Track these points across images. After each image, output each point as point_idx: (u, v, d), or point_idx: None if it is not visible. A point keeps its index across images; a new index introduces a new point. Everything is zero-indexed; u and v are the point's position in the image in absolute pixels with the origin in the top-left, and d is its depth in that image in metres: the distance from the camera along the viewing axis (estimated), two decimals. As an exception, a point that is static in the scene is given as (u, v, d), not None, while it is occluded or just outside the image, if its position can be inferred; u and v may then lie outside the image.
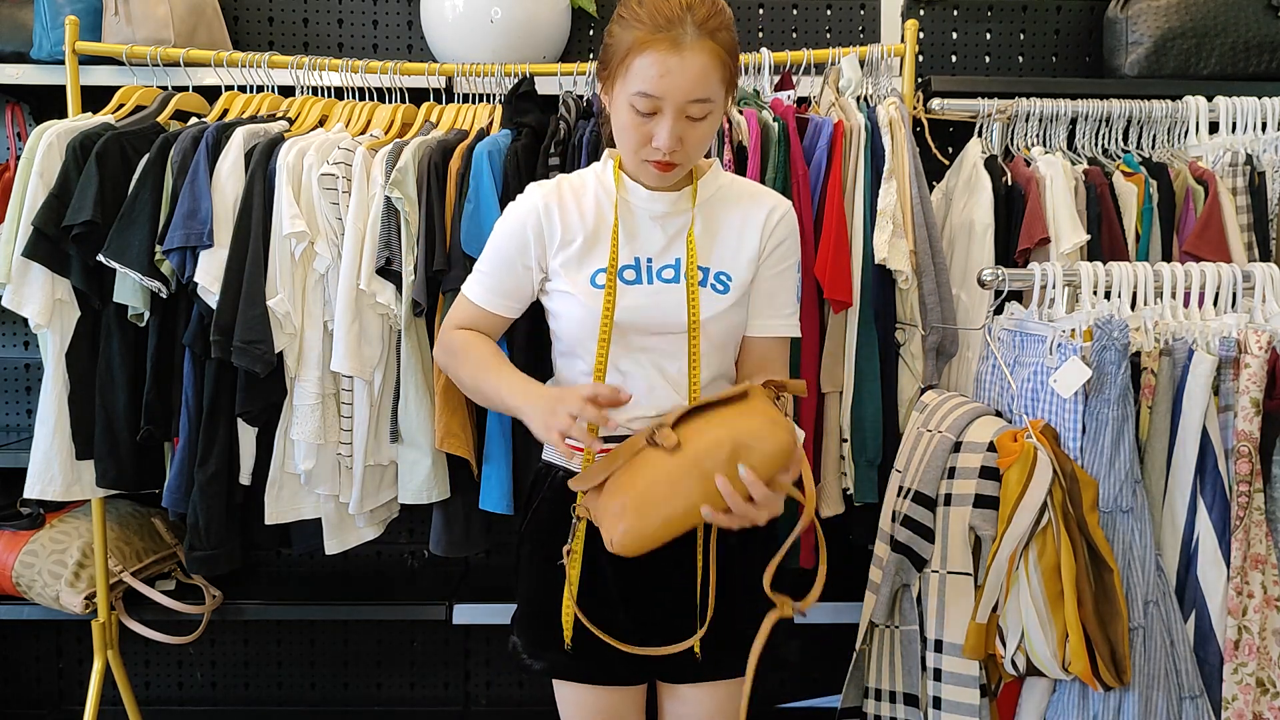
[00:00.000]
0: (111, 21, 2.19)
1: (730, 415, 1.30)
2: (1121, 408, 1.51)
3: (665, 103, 1.33)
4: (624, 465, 1.32)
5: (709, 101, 1.35)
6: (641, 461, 1.31)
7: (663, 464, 1.29)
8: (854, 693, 1.75)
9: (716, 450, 1.27)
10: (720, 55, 1.35)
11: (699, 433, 1.29)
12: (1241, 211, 2.06)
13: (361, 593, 2.41)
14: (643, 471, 1.30)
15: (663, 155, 1.37)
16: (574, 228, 1.46)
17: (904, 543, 1.64)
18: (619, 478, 1.31)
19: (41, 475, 1.99)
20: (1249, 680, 1.51)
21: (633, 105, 1.35)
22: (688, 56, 1.32)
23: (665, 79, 1.32)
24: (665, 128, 1.34)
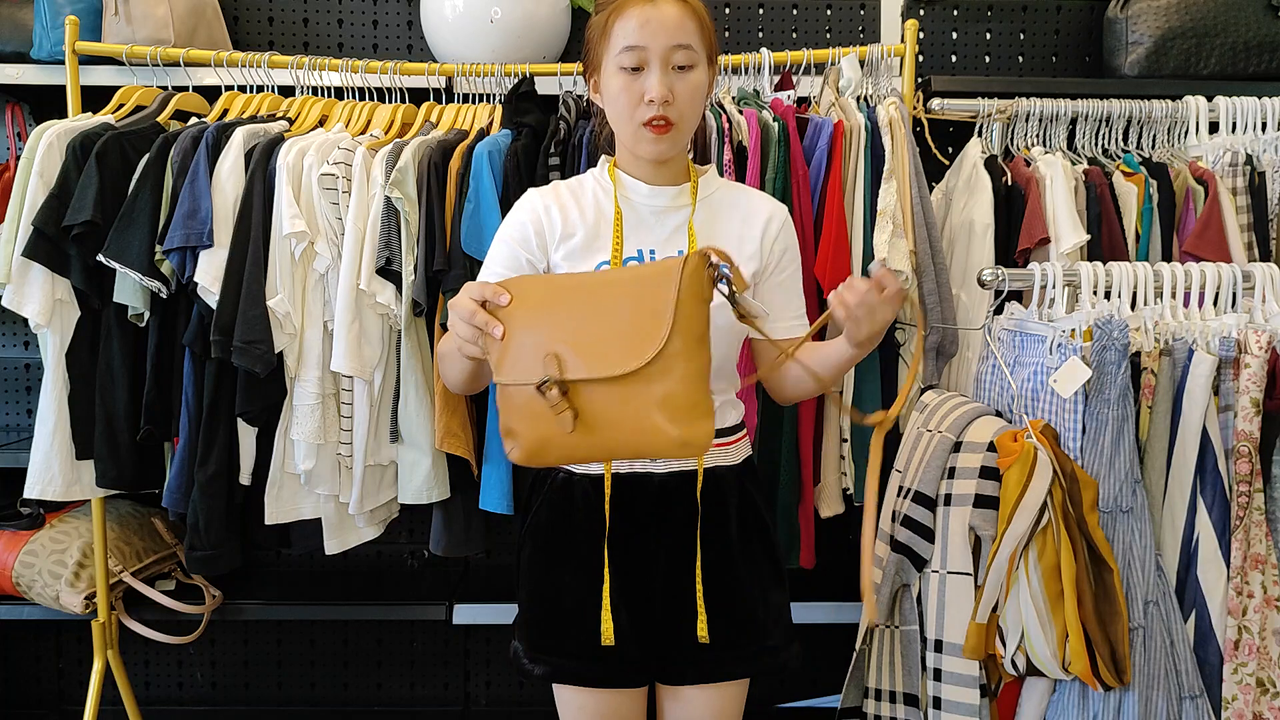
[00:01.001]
0: (111, 21, 2.19)
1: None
2: (1121, 408, 1.51)
3: (649, 51, 1.38)
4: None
5: (691, 49, 1.40)
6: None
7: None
8: (854, 693, 1.75)
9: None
10: (694, 11, 1.41)
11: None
12: (1241, 211, 2.06)
13: (361, 593, 2.41)
14: (533, 416, 1.22)
15: (657, 109, 1.39)
16: (574, 222, 1.47)
17: (904, 543, 1.64)
18: (511, 398, 1.22)
19: (41, 475, 1.99)
20: (1249, 680, 1.51)
21: (621, 66, 1.40)
22: (662, 6, 1.39)
23: (645, 27, 1.38)
24: (654, 76, 1.39)
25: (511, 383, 1.22)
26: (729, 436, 1.50)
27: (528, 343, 1.21)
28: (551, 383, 1.18)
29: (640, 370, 1.16)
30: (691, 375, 1.17)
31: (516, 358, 1.21)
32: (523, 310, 1.23)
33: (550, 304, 1.22)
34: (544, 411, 1.19)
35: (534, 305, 1.23)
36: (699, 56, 1.41)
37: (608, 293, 1.21)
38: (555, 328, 1.20)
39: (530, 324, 1.22)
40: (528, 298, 1.23)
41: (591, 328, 1.18)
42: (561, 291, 1.24)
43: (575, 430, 1.19)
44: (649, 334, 1.16)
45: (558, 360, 1.18)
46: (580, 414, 1.19)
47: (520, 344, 1.21)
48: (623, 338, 1.17)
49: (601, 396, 1.18)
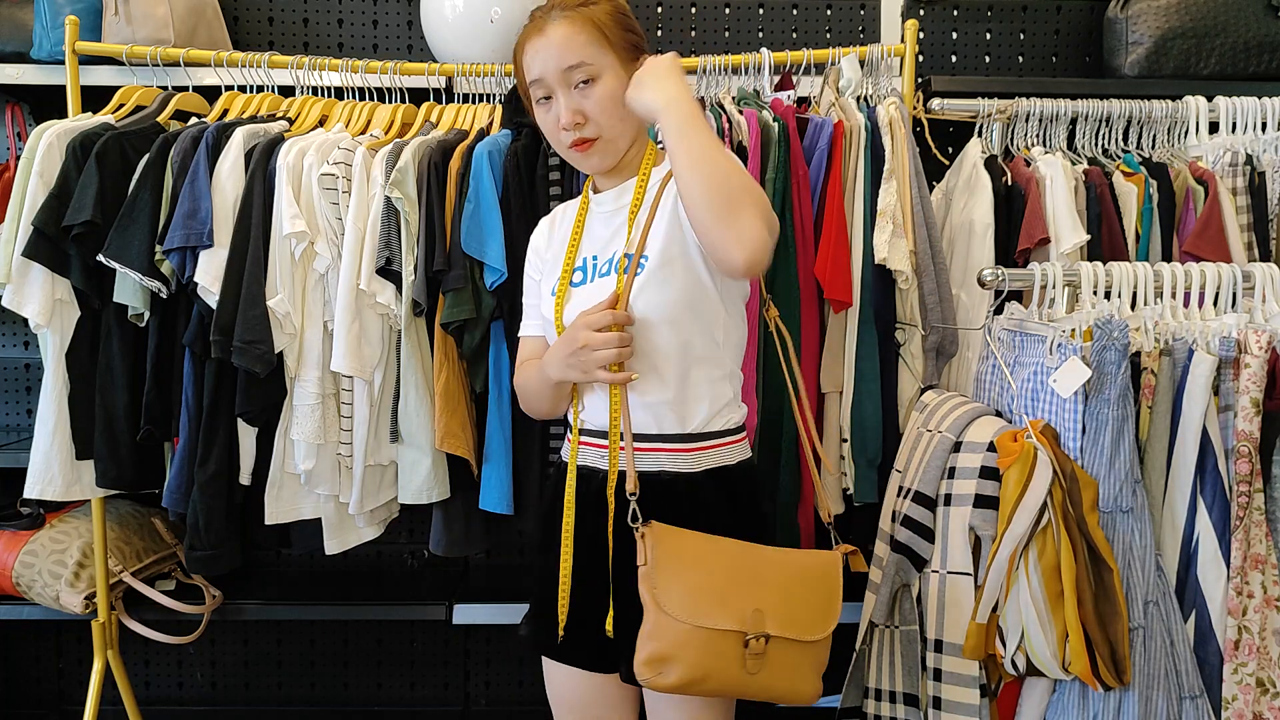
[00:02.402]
0: (111, 21, 2.19)
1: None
2: (1121, 408, 1.51)
3: (548, 80, 1.43)
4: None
5: (585, 65, 1.41)
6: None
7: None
8: (854, 693, 1.75)
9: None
10: (585, 21, 1.43)
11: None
12: (1241, 211, 2.06)
13: (361, 593, 2.41)
14: (713, 654, 1.39)
15: (571, 134, 1.43)
16: (556, 240, 1.57)
17: (904, 543, 1.64)
18: (691, 636, 1.38)
19: (41, 475, 1.99)
20: (1249, 680, 1.51)
21: (536, 101, 1.45)
22: (549, 31, 1.43)
23: (537, 58, 1.43)
24: (559, 103, 1.43)
25: (711, 626, 1.37)
26: (689, 444, 1.47)
27: (718, 591, 1.39)
28: (763, 637, 1.39)
29: (817, 640, 1.44)
30: (829, 644, 1.46)
31: (703, 602, 1.38)
32: (693, 562, 1.41)
33: (732, 562, 1.41)
34: (729, 652, 1.38)
35: (711, 560, 1.41)
36: (601, 66, 1.42)
37: (786, 570, 1.44)
38: (749, 586, 1.40)
39: (714, 577, 1.40)
40: (693, 550, 1.42)
41: (782, 596, 1.41)
42: (740, 557, 1.42)
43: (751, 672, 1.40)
44: (826, 613, 1.45)
45: (763, 616, 1.39)
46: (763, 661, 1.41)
47: (706, 590, 1.39)
48: (813, 609, 1.43)
49: (780, 651, 1.41)
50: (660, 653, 1.37)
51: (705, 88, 2.13)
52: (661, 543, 1.40)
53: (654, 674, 1.37)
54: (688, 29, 2.56)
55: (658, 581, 1.38)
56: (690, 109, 1.38)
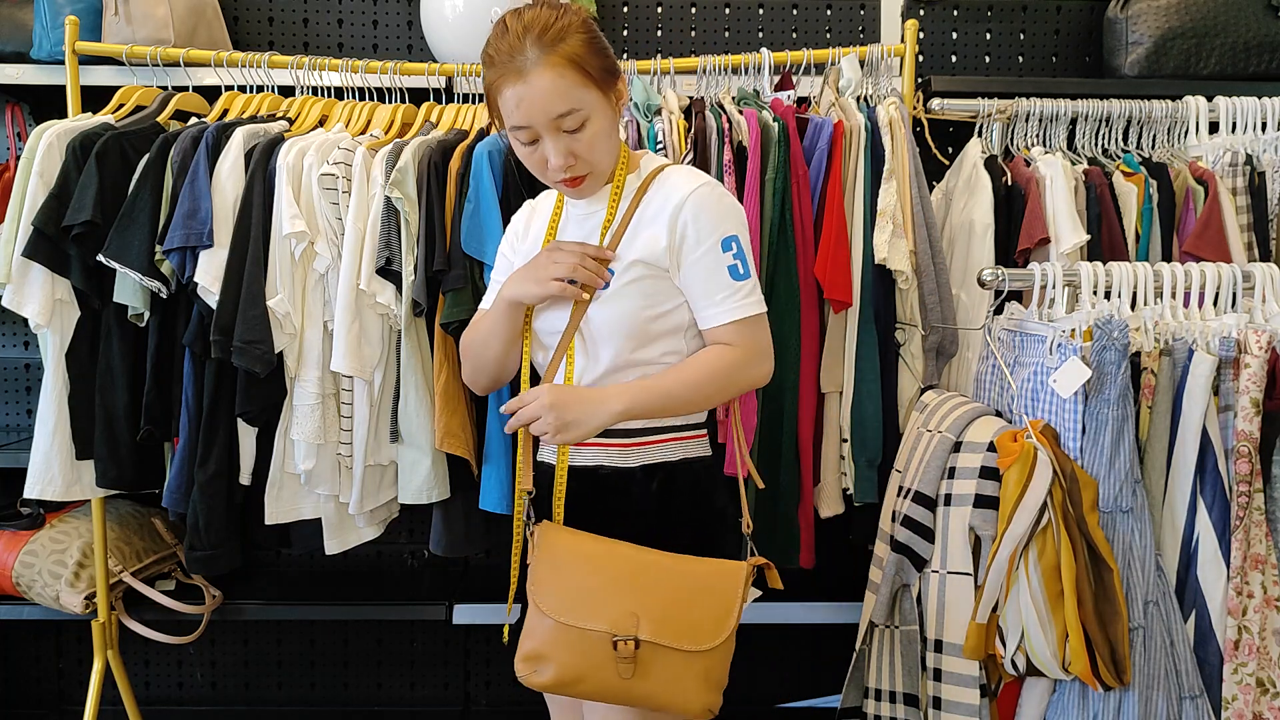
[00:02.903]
0: (111, 21, 2.19)
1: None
2: (1121, 408, 1.51)
3: (536, 127, 1.38)
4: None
5: (575, 111, 1.38)
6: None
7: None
8: (854, 693, 1.75)
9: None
10: (567, 64, 1.36)
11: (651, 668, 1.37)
12: (1241, 211, 2.06)
13: (361, 593, 2.41)
14: (584, 655, 1.38)
15: (561, 174, 1.41)
16: (533, 231, 1.59)
17: (904, 543, 1.64)
18: (564, 635, 1.39)
19: (41, 475, 1.99)
20: (1249, 680, 1.51)
21: (516, 139, 1.42)
22: (532, 80, 1.35)
23: (522, 108, 1.37)
24: (550, 149, 1.39)
25: (582, 626, 1.37)
26: (625, 439, 1.47)
27: (593, 592, 1.38)
28: (631, 640, 1.35)
29: (702, 651, 1.37)
30: (728, 657, 1.40)
31: (577, 602, 1.38)
32: (577, 562, 1.40)
33: (616, 565, 1.39)
34: (600, 655, 1.36)
35: (595, 562, 1.40)
36: (588, 108, 1.38)
37: (677, 576, 1.39)
38: (629, 590, 1.37)
39: (593, 578, 1.39)
40: (580, 551, 1.41)
41: (666, 601, 1.37)
42: (628, 561, 1.40)
43: (624, 677, 1.37)
44: (720, 622, 1.38)
45: (637, 620, 1.36)
46: (635, 665, 1.37)
47: (582, 590, 1.38)
48: (698, 619, 1.37)
49: (659, 658, 1.37)
50: (534, 650, 1.39)
51: (705, 88, 2.13)
52: (546, 541, 1.42)
53: (529, 671, 1.39)
54: (688, 29, 2.56)
55: (537, 579, 1.41)
56: (632, 402, 1.40)
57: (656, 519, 1.46)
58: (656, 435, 1.48)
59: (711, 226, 1.42)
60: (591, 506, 1.47)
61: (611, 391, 1.41)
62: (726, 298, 1.42)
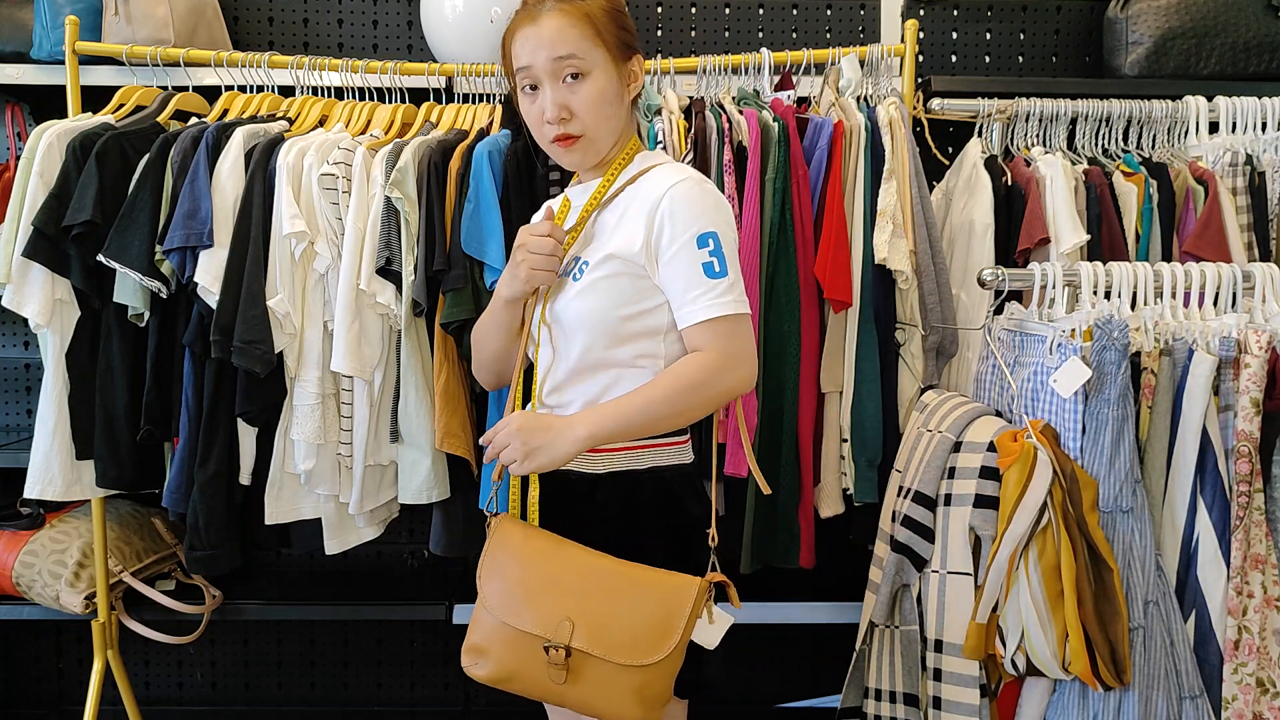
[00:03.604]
0: (111, 21, 2.19)
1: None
2: (1121, 408, 1.51)
3: (536, 70, 1.40)
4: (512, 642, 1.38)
5: (575, 58, 1.39)
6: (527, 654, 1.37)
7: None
8: (854, 693, 1.75)
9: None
10: (580, 15, 1.40)
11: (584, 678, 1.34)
12: (1241, 211, 2.06)
13: (361, 593, 2.41)
14: (519, 655, 1.37)
15: (557, 127, 1.41)
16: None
17: (904, 543, 1.64)
18: (501, 632, 1.38)
19: (41, 475, 1.99)
20: (1249, 680, 1.51)
21: (521, 89, 1.43)
22: (542, 21, 1.40)
23: (525, 46, 1.40)
24: (545, 95, 1.41)
25: (517, 626, 1.36)
26: (611, 444, 1.43)
27: (533, 593, 1.36)
28: (561, 648, 1.33)
29: (638, 665, 1.32)
30: (670, 674, 1.33)
31: (516, 600, 1.37)
32: (524, 559, 1.39)
33: (563, 567, 1.37)
34: (533, 656, 1.35)
35: (541, 561, 1.38)
36: (591, 61, 1.39)
37: (625, 585, 1.34)
38: (570, 595, 1.34)
39: (536, 577, 1.37)
40: (529, 548, 1.39)
41: (607, 611, 1.33)
42: (574, 564, 1.37)
43: (555, 681, 1.35)
44: (660, 639, 1.31)
45: (572, 627, 1.33)
46: (568, 672, 1.35)
47: (523, 589, 1.37)
48: (637, 633, 1.32)
49: (592, 667, 1.33)
50: (475, 644, 1.40)
51: (705, 88, 2.13)
52: (499, 534, 1.42)
53: (471, 663, 1.40)
54: (688, 29, 2.56)
55: (485, 571, 1.41)
56: (597, 427, 1.37)
57: (623, 527, 1.42)
58: (626, 443, 1.43)
59: (688, 222, 1.36)
60: (561, 512, 1.45)
61: (578, 418, 1.39)
62: (700, 295, 1.36)
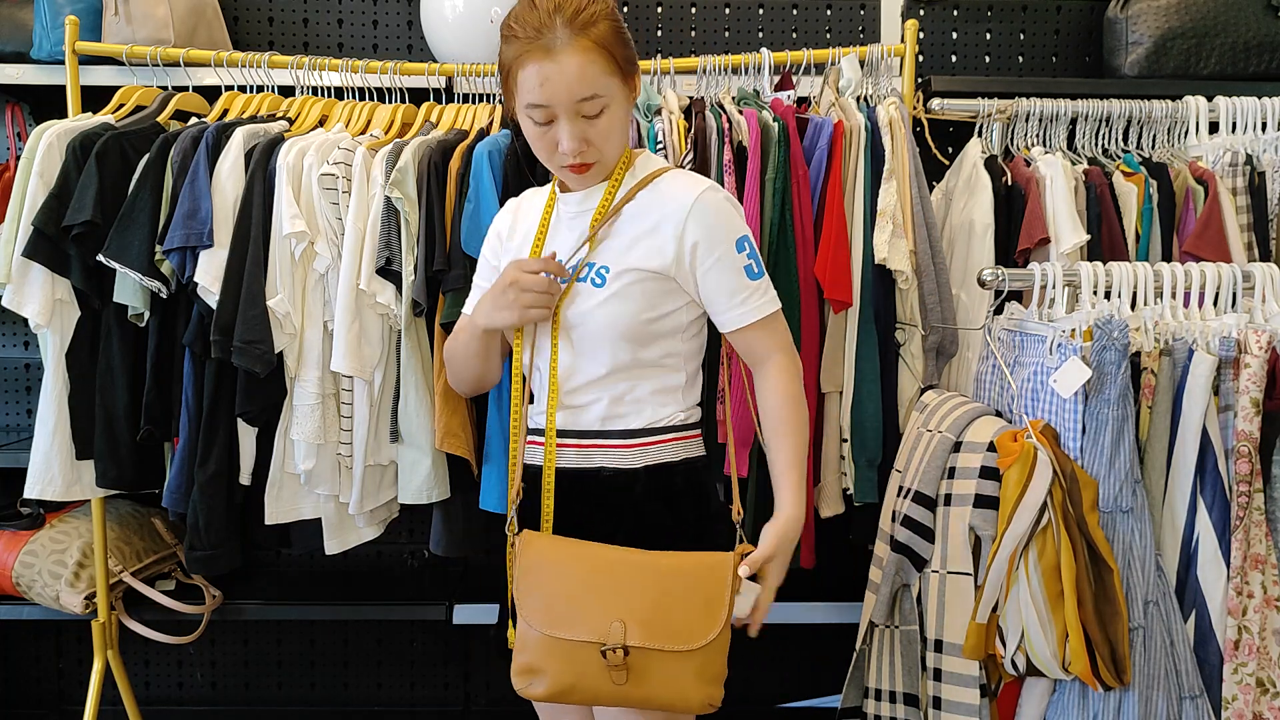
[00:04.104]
0: (111, 21, 2.19)
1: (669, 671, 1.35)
2: (1121, 408, 1.51)
3: (555, 108, 1.36)
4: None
5: (598, 97, 1.37)
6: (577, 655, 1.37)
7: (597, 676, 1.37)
8: (854, 693, 1.75)
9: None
10: (597, 49, 1.35)
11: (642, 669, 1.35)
12: (1241, 211, 2.06)
13: (361, 593, 2.41)
14: (575, 666, 1.37)
15: (571, 159, 1.39)
16: (519, 231, 1.56)
17: (904, 543, 1.64)
18: (554, 647, 1.38)
19: (41, 475, 1.99)
20: (1249, 680, 1.51)
21: (530, 117, 1.39)
22: (562, 60, 1.34)
23: (546, 86, 1.34)
24: (565, 132, 1.37)
25: (568, 637, 1.36)
26: (627, 440, 1.47)
27: (576, 601, 1.37)
28: (620, 648, 1.33)
29: (694, 649, 1.34)
30: (723, 649, 1.37)
31: (560, 611, 1.37)
32: (558, 570, 1.39)
33: (599, 570, 1.38)
34: (590, 664, 1.35)
35: (576, 567, 1.39)
36: (609, 96, 1.38)
37: (662, 575, 1.37)
38: (613, 595, 1.36)
39: (575, 585, 1.38)
40: (560, 556, 1.40)
41: (652, 603, 1.35)
42: (609, 564, 1.39)
43: (617, 683, 1.36)
44: (709, 618, 1.35)
45: (624, 626, 1.34)
46: (628, 671, 1.36)
47: (565, 599, 1.37)
48: (687, 617, 1.35)
49: (650, 661, 1.35)
50: (527, 664, 1.39)
51: (705, 88, 2.13)
52: (528, 551, 1.42)
53: (525, 684, 1.39)
54: (688, 29, 2.56)
55: (521, 590, 1.41)
56: (799, 505, 1.44)
57: (660, 518, 1.46)
58: (658, 436, 1.47)
59: (725, 231, 1.43)
60: (592, 509, 1.46)
61: (787, 517, 1.43)
62: (748, 298, 1.44)
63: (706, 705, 1.35)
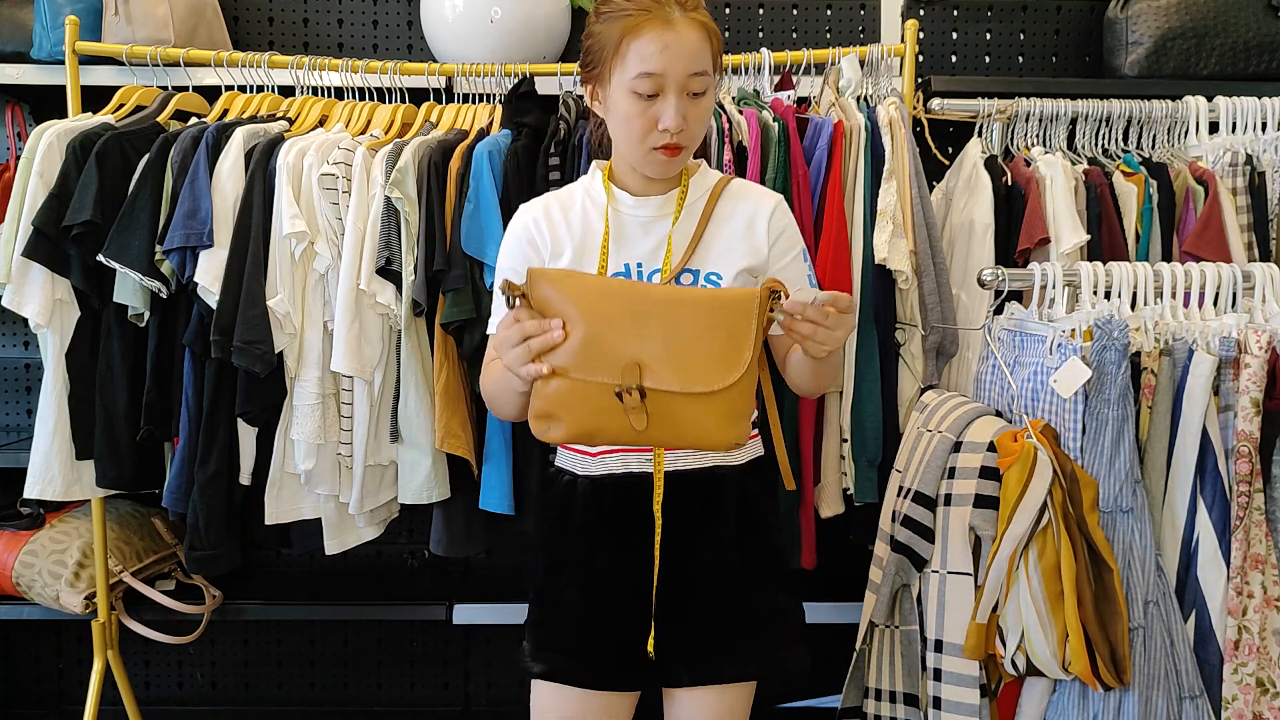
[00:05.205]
0: (111, 21, 2.19)
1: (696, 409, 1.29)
2: (1121, 408, 1.51)
3: (667, 79, 1.35)
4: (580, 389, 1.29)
5: (706, 75, 1.38)
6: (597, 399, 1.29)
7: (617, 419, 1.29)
8: (854, 693, 1.75)
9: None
10: (708, 30, 1.39)
11: (664, 411, 1.29)
12: (1241, 211, 2.06)
13: (361, 593, 2.41)
14: (593, 410, 1.29)
15: (671, 137, 1.37)
16: (562, 240, 1.47)
17: (904, 543, 1.64)
18: (570, 390, 1.29)
19: (41, 475, 1.99)
20: (1249, 680, 1.51)
21: (634, 91, 1.36)
22: (682, 31, 1.35)
23: (665, 54, 1.34)
24: (671, 105, 1.36)
25: (583, 378, 1.28)
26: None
27: (598, 342, 1.28)
28: (634, 389, 1.27)
29: (716, 391, 1.28)
30: (750, 389, 1.32)
31: (585, 354, 1.28)
32: (584, 307, 1.29)
33: (621, 311, 1.29)
34: (609, 408, 1.28)
35: (601, 308, 1.29)
36: (711, 79, 1.40)
37: (686, 311, 1.29)
38: (634, 336, 1.28)
39: (599, 325, 1.28)
40: (586, 296, 1.29)
41: (674, 344, 1.28)
42: (632, 300, 1.30)
43: (637, 427, 1.29)
44: (732, 359, 1.28)
45: (639, 368, 1.27)
46: (648, 414, 1.29)
47: (588, 341, 1.28)
48: (708, 358, 1.28)
49: (672, 403, 1.28)
50: (541, 410, 1.30)
51: (705, 88, 2.13)
52: (538, 287, 1.30)
53: (543, 429, 1.31)
54: (688, 29, 2.55)
55: (568, 342, 1.30)
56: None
57: (764, 511, 1.49)
58: (750, 431, 1.50)
59: (796, 237, 1.50)
60: (699, 511, 1.45)
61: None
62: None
63: (732, 445, 1.32)
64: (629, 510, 1.45)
